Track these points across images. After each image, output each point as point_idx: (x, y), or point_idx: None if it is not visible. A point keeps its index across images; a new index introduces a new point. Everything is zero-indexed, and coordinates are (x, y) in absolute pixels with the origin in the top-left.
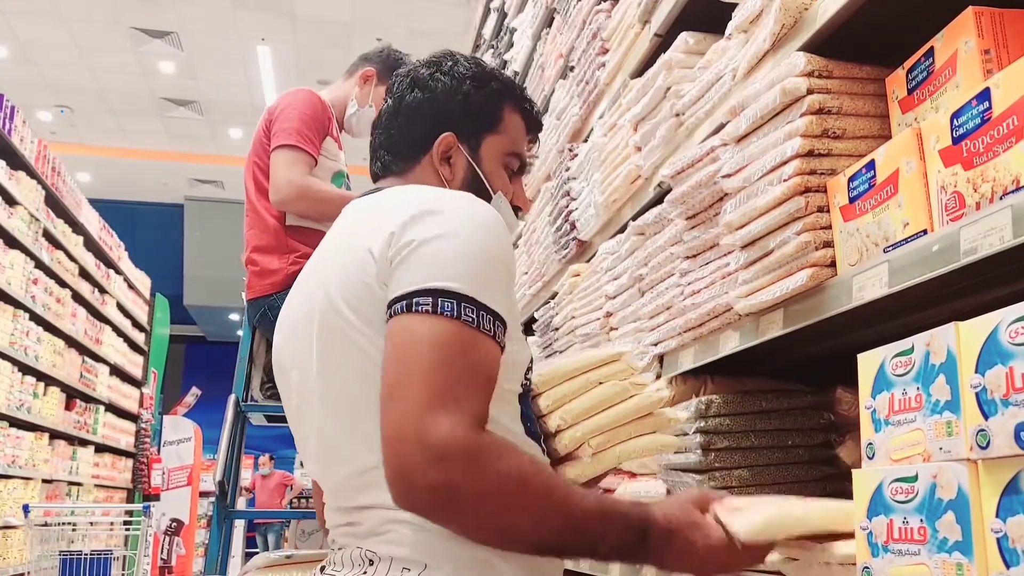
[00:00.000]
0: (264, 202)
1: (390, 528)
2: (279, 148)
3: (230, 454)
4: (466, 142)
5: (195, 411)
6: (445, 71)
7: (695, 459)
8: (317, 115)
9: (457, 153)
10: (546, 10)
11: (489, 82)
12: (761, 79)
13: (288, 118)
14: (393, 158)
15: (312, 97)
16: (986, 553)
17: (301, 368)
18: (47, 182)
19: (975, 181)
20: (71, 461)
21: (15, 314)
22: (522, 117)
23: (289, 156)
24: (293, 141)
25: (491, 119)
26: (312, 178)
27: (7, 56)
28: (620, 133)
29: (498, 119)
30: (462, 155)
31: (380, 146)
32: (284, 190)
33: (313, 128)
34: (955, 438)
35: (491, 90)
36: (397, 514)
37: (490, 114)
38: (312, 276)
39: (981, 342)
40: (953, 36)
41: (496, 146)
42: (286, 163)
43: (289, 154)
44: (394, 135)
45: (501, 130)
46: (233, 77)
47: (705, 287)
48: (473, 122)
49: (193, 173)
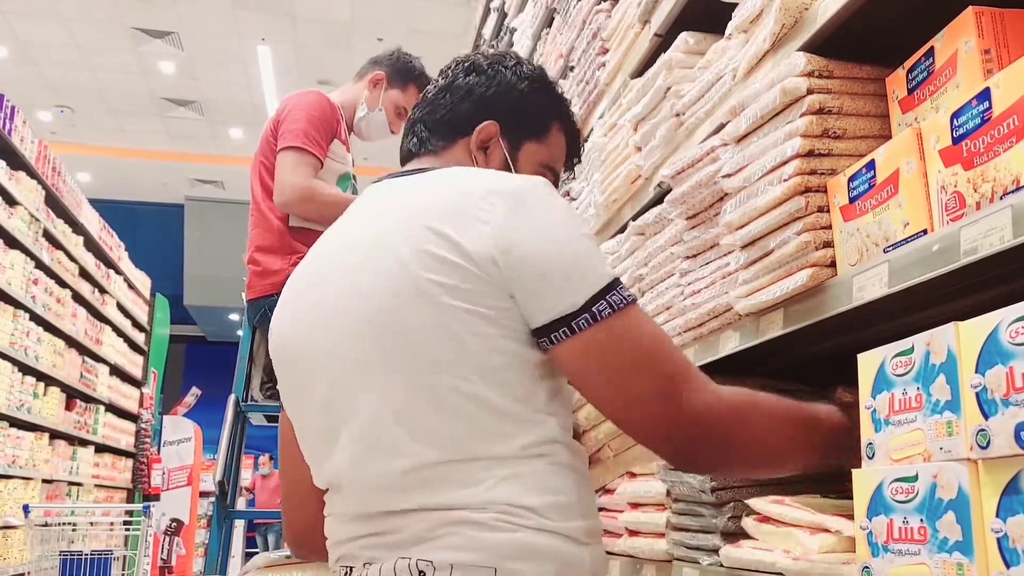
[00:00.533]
0: (269, 203)
1: (448, 531)
2: (285, 150)
3: (230, 454)
4: (507, 138)
5: (195, 411)
6: (508, 66)
7: None
8: (325, 117)
9: (495, 146)
10: (546, 10)
11: (550, 92)
12: (761, 79)
13: (296, 119)
14: (431, 135)
15: (321, 99)
16: (986, 553)
17: (337, 359)
18: (47, 182)
19: (975, 181)
20: (71, 461)
21: (15, 314)
22: (567, 141)
23: (294, 158)
24: (299, 143)
25: (539, 126)
26: (317, 181)
27: (7, 56)
28: (620, 133)
29: (546, 129)
30: (500, 149)
31: (420, 120)
32: (288, 192)
33: (321, 130)
34: (955, 438)
35: (548, 99)
36: (460, 514)
37: (540, 121)
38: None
39: (981, 342)
40: (953, 36)
41: (536, 153)
42: (291, 165)
43: (295, 156)
44: (438, 112)
45: (545, 141)
46: (233, 77)
47: (705, 287)
48: (521, 122)
49: (193, 173)
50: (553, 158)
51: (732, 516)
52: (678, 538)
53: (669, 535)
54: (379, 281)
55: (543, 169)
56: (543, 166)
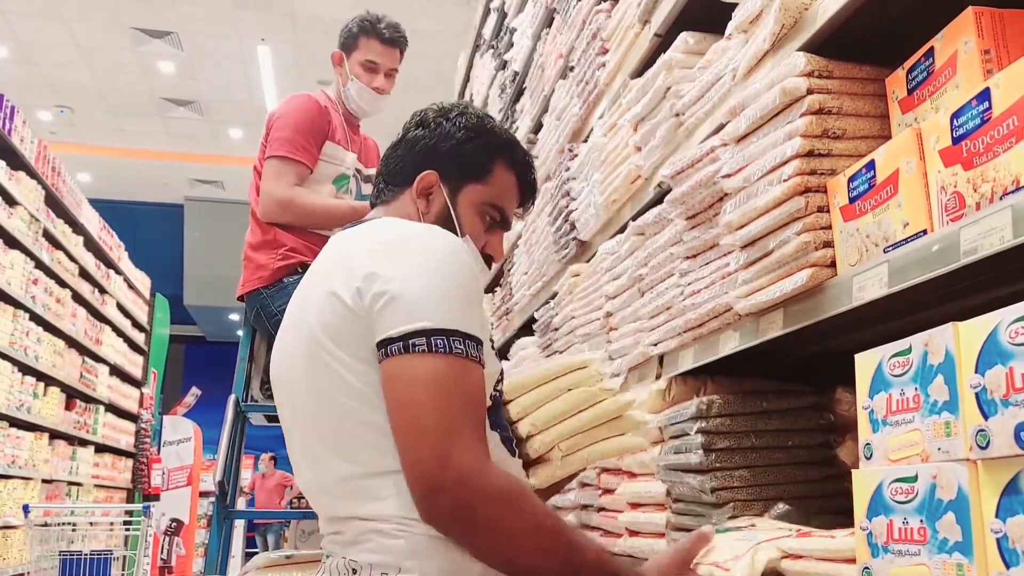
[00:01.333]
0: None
1: (368, 537)
2: (270, 159)
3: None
4: (447, 183)
5: (195, 411)
6: (450, 118)
7: (696, 459)
8: (312, 121)
9: (437, 191)
10: (546, 10)
11: (485, 136)
12: (761, 79)
13: (282, 127)
14: (386, 185)
15: (309, 103)
16: (986, 553)
17: (290, 384)
18: (47, 182)
19: (975, 181)
20: (71, 461)
21: (15, 314)
22: (516, 178)
23: (277, 168)
24: (284, 152)
25: (478, 169)
26: (297, 190)
27: (7, 56)
28: (620, 133)
29: (486, 171)
30: (441, 194)
31: (379, 173)
32: (266, 203)
33: (308, 135)
34: (953, 439)
35: (485, 143)
36: (373, 524)
37: (478, 165)
38: (300, 299)
39: (981, 342)
40: (953, 36)
41: (477, 194)
42: (272, 175)
43: (277, 165)
44: (391, 164)
45: (487, 182)
46: (233, 77)
47: (705, 287)
48: (459, 168)
49: (193, 173)
50: (498, 196)
51: (732, 516)
52: (678, 538)
53: (669, 535)
54: (301, 336)
55: (487, 208)
56: (487, 205)
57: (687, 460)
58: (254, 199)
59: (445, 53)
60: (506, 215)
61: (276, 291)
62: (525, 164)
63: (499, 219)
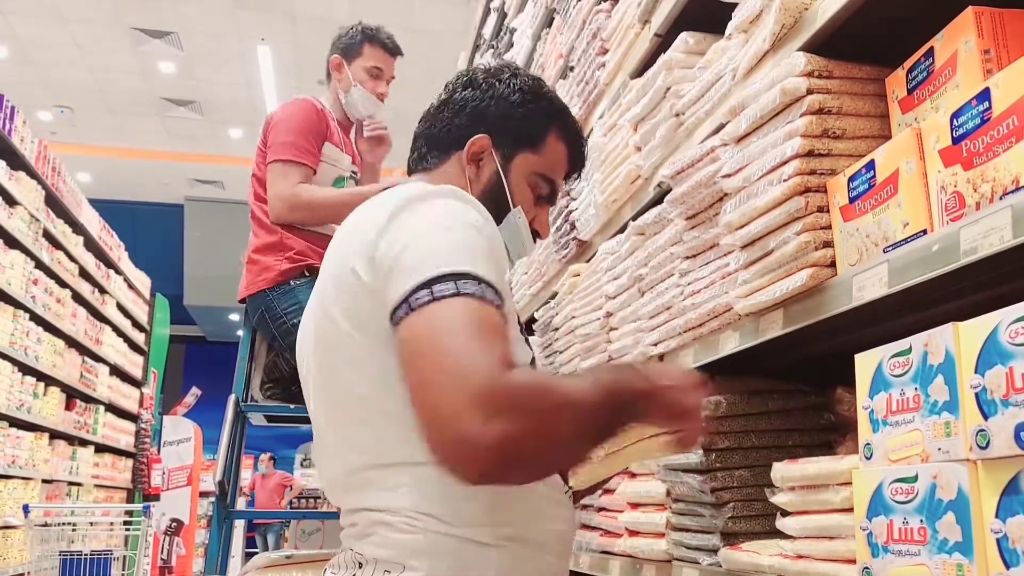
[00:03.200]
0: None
1: (374, 530)
2: (273, 163)
3: (230, 454)
4: (500, 150)
5: (195, 411)
6: (502, 79)
7: (696, 459)
8: (312, 123)
9: (488, 158)
10: (546, 10)
11: (541, 101)
12: (761, 79)
13: (282, 131)
14: (429, 149)
15: (306, 106)
16: (986, 553)
17: (309, 375)
18: (47, 182)
19: (975, 181)
20: (71, 461)
21: (15, 314)
22: (567, 148)
23: (281, 171)
24: (287, 156)
25: (532, 137)
26: (302, 186)
27: (7, 56)
28: (620, 133)
29: (539, 139)
30: (492, 161)
31: (420, 135)
32: (276, 206)
33: (309, 137)
34: (953, 439)
35: (540, 109)
36: (380, 516)
37: (532, 132)
38: (319, 282)
39: (981, 342)
40: (953, 36)
41: (529, 164)
42: (278, 178)
43: (282, 169)
44: (436, 126)
45: (539, 151)
46: (233, 77)
47: (705, 287)
48: (513, 133)
49: (193, 173)
50: (550, 167)
51: (732, 516)
52: (678, 538)
53: (669, 535)
54: (316, 312)
55: (536, 179)
56: (537, 175)
57: (687, 460)
58: (255, 204)
59: (445, 53)
60: (555, 188)
61: (282, 293)
62: (578, 134)
63: (547, 193)
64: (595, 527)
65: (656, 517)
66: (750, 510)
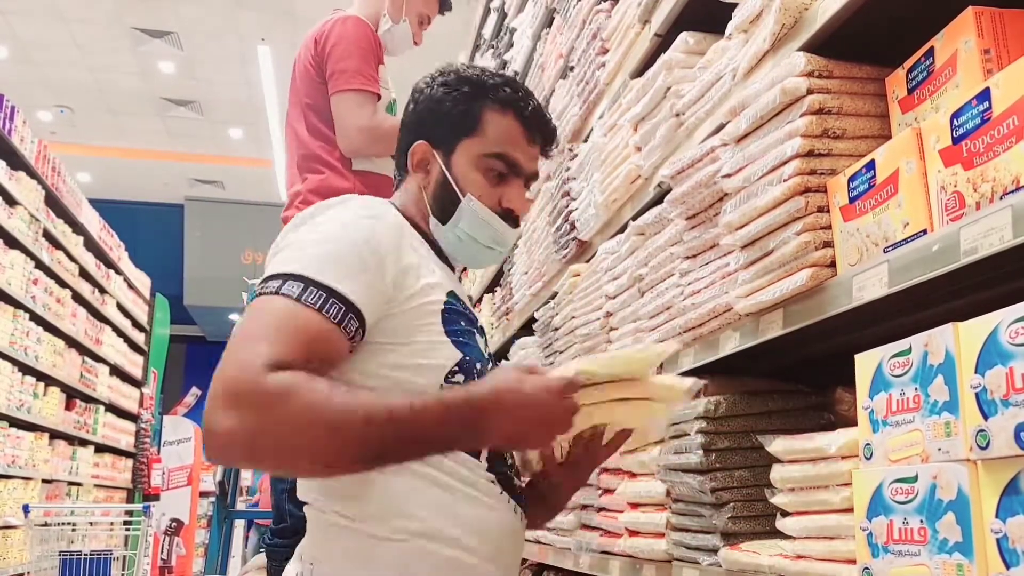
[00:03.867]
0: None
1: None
2: (342, 93)
3: None
4: (440, 148)
5: (195, 411)
6: (430, 83)
7: (696, 459)
8: (372, 46)
9: (432, 160)
10: (546, 10)
11: (463, 86)
12: (761, 79)
13: (346, 55)
14: (399, 171)
15: (362, 27)
16: (986, 553)
17: None
18: (47, 182)
19: (975, 181)
20: (71, 461)
21: (15, 314)
22: (513, 115)
23: (354, 99)
24: (358, 84)
25: (465, 122)
26: (382, 115)
27: (7, 56)
28: (620, 133)
29: (474, 122)
30: (436, 161)
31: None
32: (356, 138)
33: (371, 61)
34: (953, 439)
35: (464, 94)
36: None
37: (463, 118)
38: None
39: (981, 342)
40: (953, 36)
41: (471, 149)
42: (352, 108)
43: (354, 98)
44: (396, 153)
45: (478, 132)
46: (233, 77)
47: (705, 287)
48: (446, 127)
49: (193, 173)
50: (497, 142)
51: (732, 516)
52: (678, 538)
53: (669, 535)
54: None
55: (485, 160)
56: (484, 156)
57: (687, 460)
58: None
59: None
60: (512, 160)
61: None
62: (517, 98)
63: (506, 168)
64: (595, 527)
65: (656, 517)
66: (750, 510)
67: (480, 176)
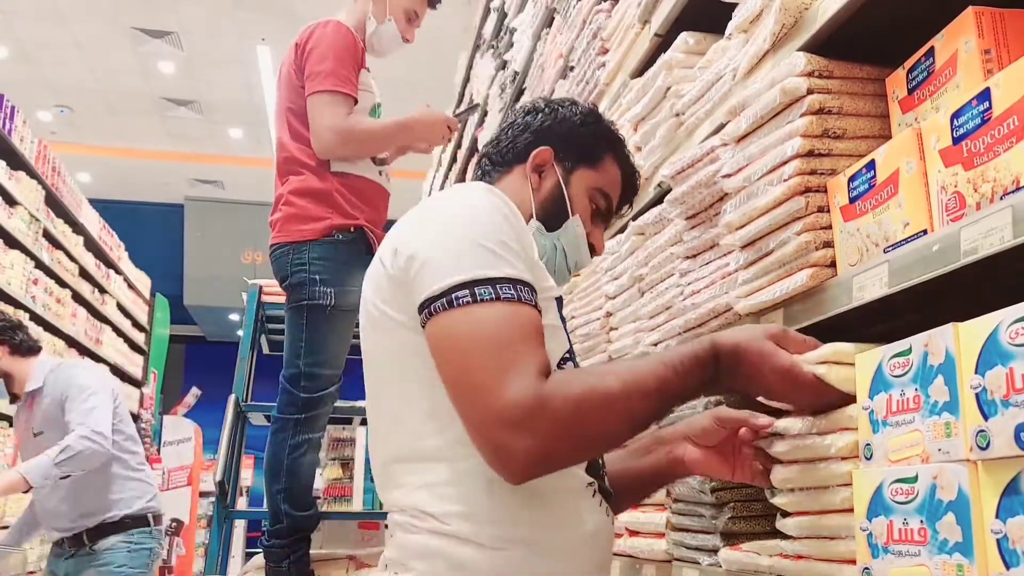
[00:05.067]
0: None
1: (393, 531)
2: (316, 94)
3: (230, 454)
4: (562, 163)
5: (195, 411)
6: (564, 106)
7: None
8: (351, 49)
9: (550, 169)
10: (546, 10)
11: (601, 124)
12: (761, 79)
13: (322, 58)
14: (492, 166)
15: (342, 30)
16: (986, 554)
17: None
18: (47, 182)
19: (975, 181)
20: None
21: (15, 314)
22: (621, 173)
23: (327, 101)
24: (331, 86)
25: (592, 154)
26: (355, 117)
27: (7, 56)
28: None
29: (599, 158)
30: (554, 172)
31: (485, 155)
32: (327, 138)
33: (349, 65)
34: (953, 439)
35: (601, 130)
36: (394, 516)
37: (593, 149)
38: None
39: (981, 343)
40: (953, 36)
41: (589, 178)
42: (325, 109)
43: (328, 99)
44: (499, 145)
45: (599, 169)
46: (233, 77)
47: (705, 287)
48: (575, 149)
49: (193, 173)
50: (607, 183)
51: (732, 516)
52: (678, 538)
53: (669, 535)
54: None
55: (595, 192)
56: (596, 190)
57: None
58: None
59: (445, 53)
60: (612, 205)
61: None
62: (632, 164)
63: (605, 208)
64: None
65: (656, 517)
66: (750, 510)
67: (588, 204)
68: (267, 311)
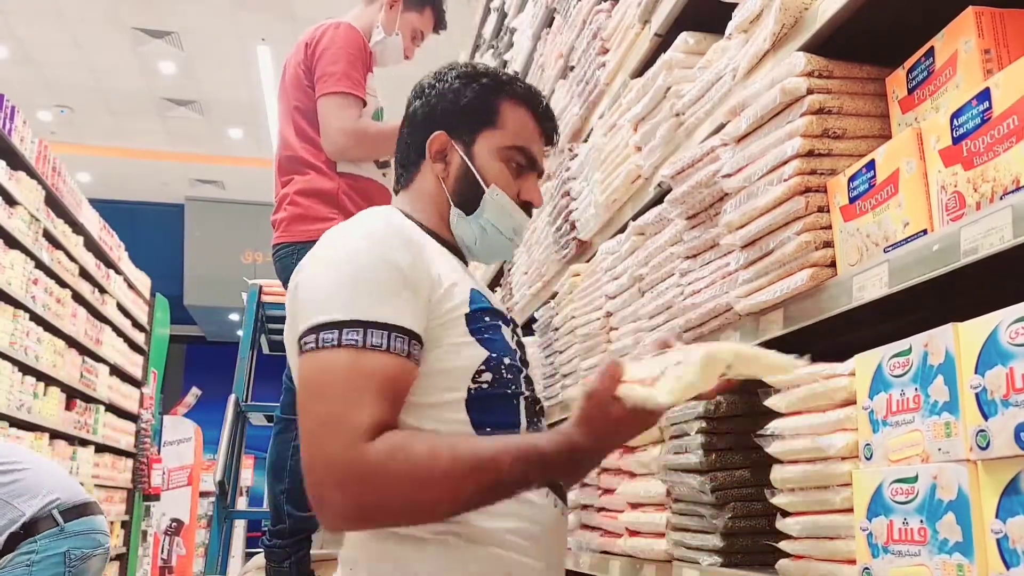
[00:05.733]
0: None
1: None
2: (328, 95)
3: (230, 454)
4: (460, 139)
5: (195, 411)
6: (441, 78)
7: (695, 460)
8: (362, 53)
9: (451, 151)
10: (546, 10)
11: (479, 79)
12: (761, 79)
13: (335, 59)
14: (404, 170)
15: (353, 33)
16: (986, 554)
17: None
18: (47, 182)
19: (975, 181)
20: (71, 461)
21: (15, 314)
22: (528, 111)
23: (339, 103)
24: (343, 88)
25: (485, 114)
26: (366, 120)
27: (7, 56)
28: (620, 133)
29: (494, 114)
30: (456, 152)
31: (397, 162)
32: (339, 140)
33: (359, 68)
34: (953, 439)
35: (483, 86)
36: None
37: (484, 110)
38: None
39: (981, 342)
40: (953, 36)
41: (493, 140)
42: (336, 111)
43: (339, 101)
44: (403, 147)
45: (499, 125)
46: (233, 77)
47: (705, 287)
48: (465, 119)
49: (193, 173)
50: (517, 136)
51: (732, 516)
52: (678, 538)
53: (669, 535)
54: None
55: (507, 152)
56: (506, 148)
57: (687, 460)
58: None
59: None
60: (531, 155)
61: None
62: (531, 94)
63: (525, 161)
64: (595, 527)
65: (656, 517)
66: (750, 510)
67: (503, 167)
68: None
